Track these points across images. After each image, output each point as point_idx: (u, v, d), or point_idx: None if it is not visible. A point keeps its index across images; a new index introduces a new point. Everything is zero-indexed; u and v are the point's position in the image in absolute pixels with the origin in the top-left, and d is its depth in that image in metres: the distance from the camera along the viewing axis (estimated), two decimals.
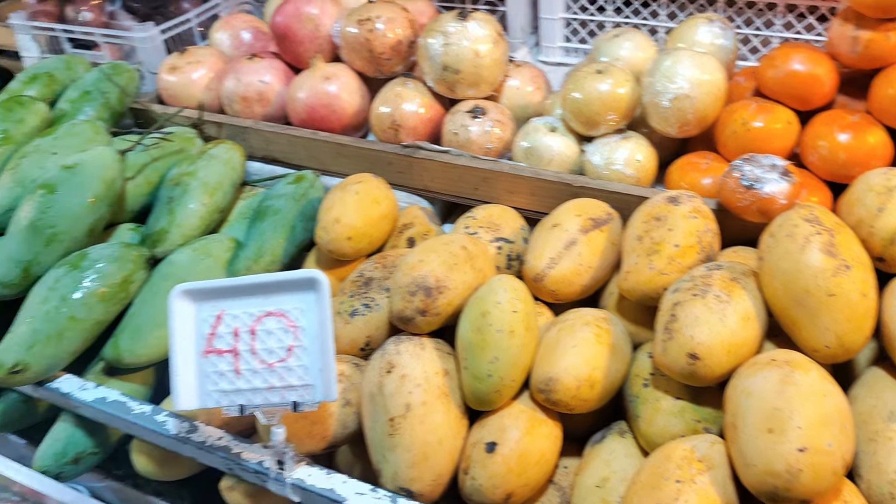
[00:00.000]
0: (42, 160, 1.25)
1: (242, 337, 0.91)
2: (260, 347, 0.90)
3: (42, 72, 1.49)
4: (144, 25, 1.54)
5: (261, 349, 0.90)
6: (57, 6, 1.65)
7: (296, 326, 0.89)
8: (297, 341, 0.89)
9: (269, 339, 0.90)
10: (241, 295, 0.91)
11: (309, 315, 0.89)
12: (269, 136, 1.37)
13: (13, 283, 1.14)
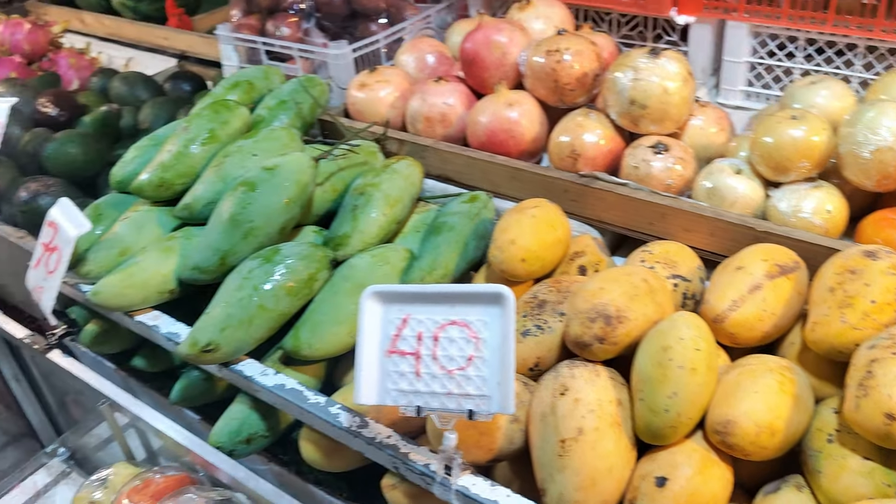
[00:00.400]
0: (243, 160, 1.36)
1: (425, 342, 0.95)
2: (441, 354, 0.93)
3: (243, 79, 1.62)
4: (339, 44, 1.64)
5: (442, 355, 0.93)
6: (259, 21, 1.79)
7: (478, 338, 0.92)
8: (478, 352, 0.92)
9: (451, 346, 0.93)
10: (427, 301, 0.95)
11: (492, 328, 0.92)
12: (447, 156, 1.43)
13: (210, 269, 1.24)
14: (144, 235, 1.35)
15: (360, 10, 1.77)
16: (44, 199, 1.66)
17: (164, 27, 2.51)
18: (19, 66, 2.23)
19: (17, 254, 1.72)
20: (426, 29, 1.81)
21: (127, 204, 1.44)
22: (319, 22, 1.81)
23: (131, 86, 2.09)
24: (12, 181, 1.79)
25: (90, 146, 1.80)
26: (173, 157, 1.38)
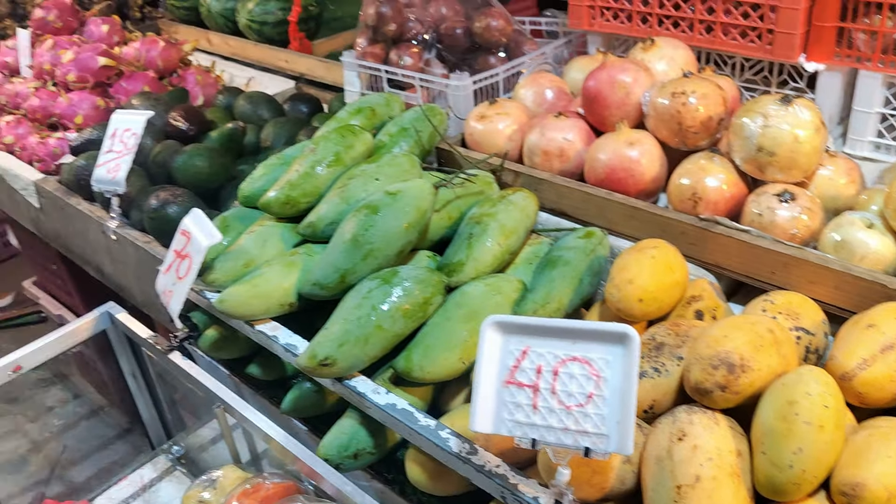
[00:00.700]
0: (366, 183, 1.41)
1: (545, 375, 0.95)
2: (560, 389, 0.94)
3: (366, 106, 1.68)
4: (460, 75, 1.68)
5: (561, 391, 0.94)
6: (383, 50, 1.85)
7: (599, 376, 0.93)
8: (599, 391, 0.92)
9: (571, 382, 0.94)
10: (549, 335, 0.96)
11: (614, 367, 0.92)
12: (563, 191, 1.44)
13: (330, 286, 1.28)
14: (268, 249, 1.42)
15: (480, 44, 1.81)
16: (171, 207, 1.76)
17: (286, 50, 2.63)
18: (152, 81, 2.38)
19: (143, 257, 1.83)
20: (544, 64, 1.84)
21: (253, 218, 1.52)
22: (440, 53, 1.86)
23: (255, 105, 2.20)
24: (142, 189, 1.91)
25: (215, 160, 1.89)
26: (300, 177, 1.44)
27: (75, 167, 2.02)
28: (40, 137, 2.25)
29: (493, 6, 1.83)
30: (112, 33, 2.50)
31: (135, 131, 1.87)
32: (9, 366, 1.51)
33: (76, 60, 2.29)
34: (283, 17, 2.68)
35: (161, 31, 3.15)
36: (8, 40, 2.61)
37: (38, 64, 2.37)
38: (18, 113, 2.38)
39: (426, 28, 1.85)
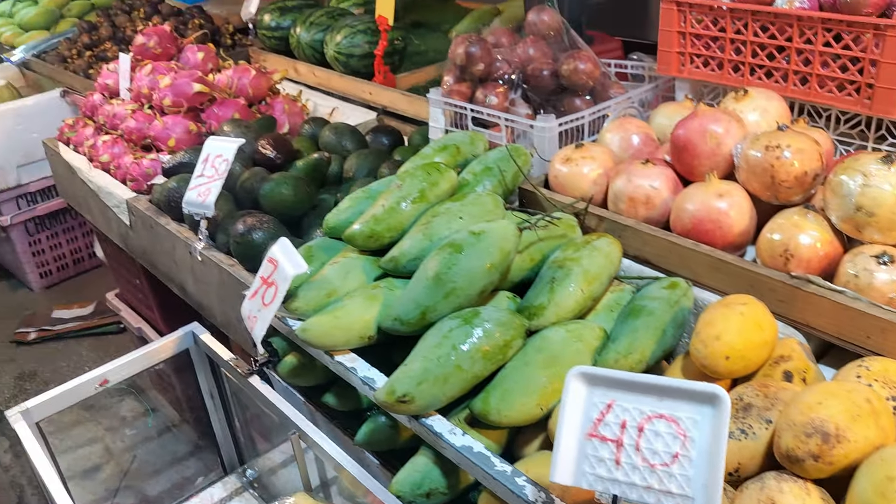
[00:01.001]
0: (450, 221, 1.42)
1: (629, 431, 0.94)
2: (645, 446, 0.93)
3: (451, 143, 1.71)
4: (546, 117, 1.69)
5: (645, 448, 0.93)
6: (470, 88, 1.88)
7: (686, 436, 0.91)
8: (685, 451, 0.90)
9: (656, 440, 0.92)
10: (635, 390, 0.95)
11: (702, 428, 0.90)
12: (648, 238, 1.43)
13: (410, 322, 1.30)
14: (350, 281, 1.44)
15: (567, 86, 1.82)
16: (257, 233, 1.81)
17: (370, 83, 2.69)
18: (242, 108, 2.46)
19: (226, 279, 1.89)
20: (630, 108, 1.83)
21: (336, 249, 1.55)
22: (525, 93, 1.87)
23: (339, 136, 2.25)
24: (229, 213, 1.97)
25: (300, 189, 1.94)
26: (385, 212, 1.47)
27: (167, 189, 2.11)
28: (135, 158, 2.35)
29: (581, 49, 1.84)
30: (207, 60, 2.61)
31: (226, 157, 1.94)
32: (96, 379, 1.57)
33: (172, 86, 2.39)
34: (370, 50, 2.75)
35: (251, 59, 3.27)
36: (109, 63, 2.74)
37: (137, 87, 2.49)
38: (115, 133, 2.49)
39: (513, 68, 1.87)
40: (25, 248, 3.76)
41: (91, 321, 3.56)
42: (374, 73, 2.71)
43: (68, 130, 2.68)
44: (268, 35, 3.13)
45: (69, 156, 2.61)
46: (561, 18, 1.91)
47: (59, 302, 3.79)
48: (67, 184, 2.71)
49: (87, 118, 2.69)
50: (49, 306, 3.74)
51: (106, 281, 3.87)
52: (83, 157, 2.56)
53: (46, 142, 2.76)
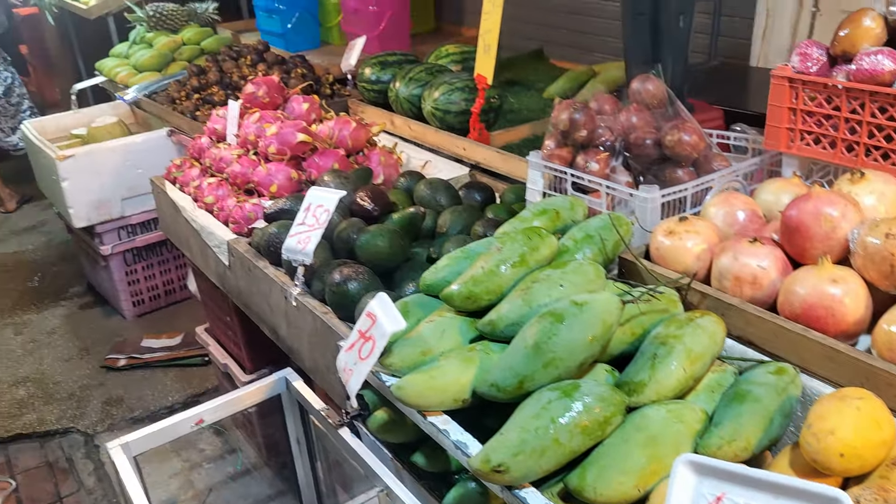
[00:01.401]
0: (550, 288, 1.42)
1: None
2: None
3: (550, 208, 1.72)
4: (650, 188, 1.68)
5: None
6: (570, 153, 1.89)
7: None
8: None
9: None
10: (748, 485, 0.92)
11: None
12: (754, 320, 1.39)
13: (507, 389, 1.29)
14: (445, 340, 1.45)
15: (670, 156, 1.81)
16: (352, 283, 1.85)
17: (465, 139, 2.74)
18: (341, 158, 2.53)
19: (319, 327, 1.92)
20: (734, 182, 1.80)
21: (432, 306, 1.56)
22: (626, 161, 1.87)
23: (434, 191, 2.29)
24: (325, 261, 2.02)
25: (395, 241, 1.98)
26: (484, 274, 1.48)
27: (268, 233, 2.18)
28: (237, 201, 2.44)
29: (686, 120, 1.83)
30: (311, 111, 2.70)
31: (327, 208, 1.99)
32: (192, 418, 1.62)
33: (278, 135, 2.48)
34: (466, 107, 2.80)
35: (349, 109, 3.37)
36: (219, 109, 2.88)
37: (244, 134, 2.60)
38: (220, 176, 2.60)
39: (615, 135, 1.87)
40: (122, 276, 3.94)
41: (178, 352, 3.67)
42: (470, 129, 2.75)
43: (175, 170, 2.81)
44: (367, 87, 3.23)
45: (175, 194, 2.73)
46: (666, 88, 1.91)
47: (149, 331, 3.93)
48: (170, 220, 2.83)
49: (194, 160, 2.82)
50: (139, 334, 3.89)
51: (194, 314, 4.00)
52: (188, 197, 2.68)
53: (154, 180, 2.89)
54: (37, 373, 3.68)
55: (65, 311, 4.19)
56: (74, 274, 4.56)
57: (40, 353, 3.84)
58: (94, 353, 3.80)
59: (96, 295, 4.31)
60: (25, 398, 3.52)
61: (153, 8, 4.55)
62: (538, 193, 1.95)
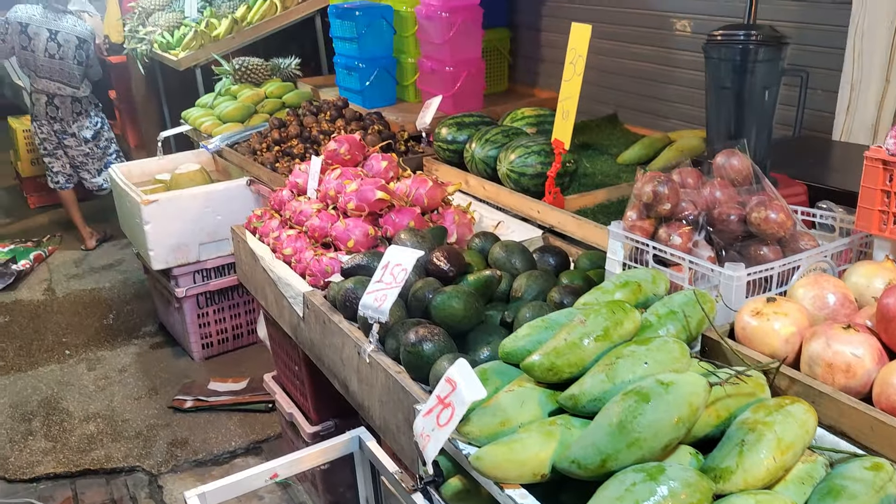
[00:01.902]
0: (633, 365, 1.40)
1: None
2: None
3: (632, 280, 1.71)
4: (736, 266, 1.66)
5: None
6: (653, 225, 1.88)
7: None
8: None
9: None
10: None
11: None
12: (847, 410, 1.34)
13: (589, 467, 1.27)
14: (525, 411, 1.44)
15: (755, 233, 1.79)
16: (427, 344, 1.86)
17: (540, 202, 2.76)
18: (417, 217, 2.58)
19: (391, 385, 1.94)
20: (822, 262, 1.77)
21: (510, 374, 1.56)
22: (710, 235, 1.85)
23: (509, 254, 2.30)
24: (399, 319, 2.04)
25: (470, 304, 1.99)
26: (566, 347, 1.47)
27: (344, 288, 2.22)
28: (315, 254, 2.50)
29: (773, 197, 1.81)
30: (389, 169, 2.77)
31: (405, 267, 2.02)
32: (267, 472, 1.64)
33: (357, 191, 2.54)
34: (542, 170, 2.82)
35: (424, 167, 3.44)
36: (302, 164, 2.97)
37: (325, 189, 2.67)
38: (299, 229, 2.67)
39: (698, 210, 1.86)
40: (194, 319, 4.04)
41: (243, 397, 3.73)
42: (545, 192, 2.77)
43: (256, 220, 2.90)
44: (443, 147, 3.29)
45: (254, 244, 2.81)
46: (751, 164, 1.90)
47: (216, 373, 4.01)
48: (248, 269, 2.91)
49: (275, 211, 2.91)
50: (206, 377, 3.97)
51: (261, 359, 4.08)
52: (267, 248, 2.75)
53: (235, 229, 2.99)
54: (107, 409, 3.77)
55: (136, 350, 4.31)
56: (147, 313, 4.70)
57: (111, 389, 3.94)
58: (163, 392, 3.88)
59: (167, 335, 4.43)
60: (95, 434, 3.61)
61: (239, 62, 4.75)
62: (618, 264, 1.94)
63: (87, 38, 5.28)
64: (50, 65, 5.22)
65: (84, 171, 5.63)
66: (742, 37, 2.16)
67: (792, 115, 2.63)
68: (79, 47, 5.23)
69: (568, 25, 2.60)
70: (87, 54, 5.30)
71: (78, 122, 5.47)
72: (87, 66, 5.38)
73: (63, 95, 5.33)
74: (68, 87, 5.29)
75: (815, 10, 2.96)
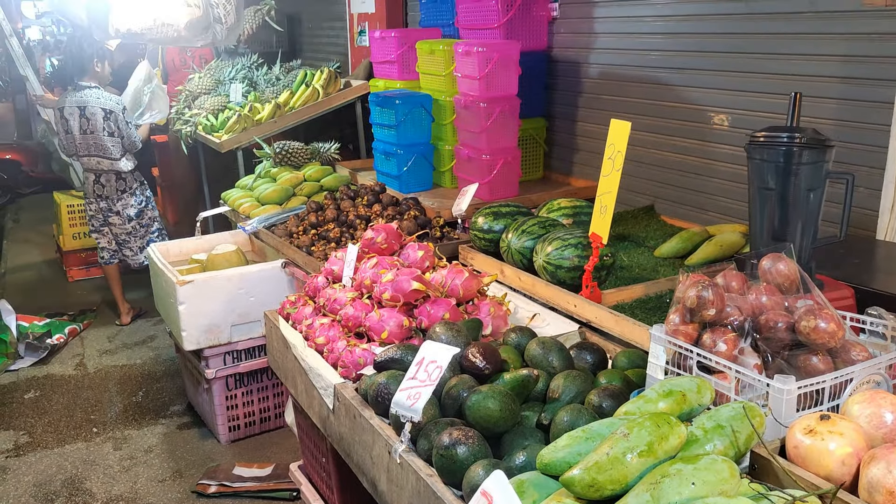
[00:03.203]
0: (680, 485, 1.33)
1: None
2: None
3: (677, 389, 1.65)
4: (786, 379, 1.60)
5: None
6: (696, 330, 1.83)
7: None
8: None
9: None
10: None
11: None
12: None
13: None
14: None
15: (804, 342, 1.72)
16: (461, 448, 1.80)
17: (576, 295, 2.72)
18: (452, 308, 2.55)
19: (421, 488, 1.87)
20: (875, 374, 1.69)
21: (548, 487, 1.50)
22: (756, 342, 1.79)
23: (546, 351, 2.25)
24: (433, 418, 1.98)
25: (507, 405, 1.93)
26: (608, 461, 1.41)
27: (377, 383, 2.17)
28: (348, 344, 2.47)
29: (822, 305, 1.76)
30: (425, 259, 2.76)
31: (440, 364, 1.98)
32: None
33: (393, 281, 2.53)
34: (578, 263, 2.79)
35: (459, 255, 3.43)
36: (338, 251, 2.98)
37: (360, 278, 2.66)
38: (333, 317, 2.65)
39: (744, 315, 1.80)
40: (222, 401, 4.00)
41: (268, 483, 3.65)
42: (582, 286, 2.73)
43: (290, 307, 2.89)
44: (479, 236, 3.29)
45: (287, 331, 2.79)
46: (798, 269, 1.85)
47: (242, 456, 3.94)
48: (279, 355, 2.88)
49: (309, 298, 2.90)
50: (231, 460, 3.90)
51: (286, 444, 4.01)
52: (299, 335, 2.73)
53: (268, 314, 2.98)
54: (130, 492, 3.71)
55: (163, 430, 4.27)
56: (177, 392, 4.68)
57: (136, 470, 3.89)
58: (188, 475, 3.82)
59: (195, 415, 4.39)
60: None
61: (280, 145, 4.86)
62: (661, 369, 1.88)
63: (113, 108, 5.34)
64: (85, 141, 5.38)
65: (126, 249, 5.72)
66: (785, 139, 2.14)
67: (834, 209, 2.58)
68: (106, 118, 5.30)
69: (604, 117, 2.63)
70: (116, 125, 5.35)
71: (122, 200, 5.57)
72: (120, 136, 5.40)
73: (107, 172, 5.45)
74: (106, 159, 5.39)
75: (856, 110, 2.95)
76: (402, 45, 4.85)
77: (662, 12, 3.74)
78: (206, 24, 4.53)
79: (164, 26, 4.43)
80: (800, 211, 2.17)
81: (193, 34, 4.55)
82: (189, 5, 4.43)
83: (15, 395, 4.73)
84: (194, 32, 4.54)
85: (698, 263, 3.04)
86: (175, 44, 4.83)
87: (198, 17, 4.49)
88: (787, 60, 3.17)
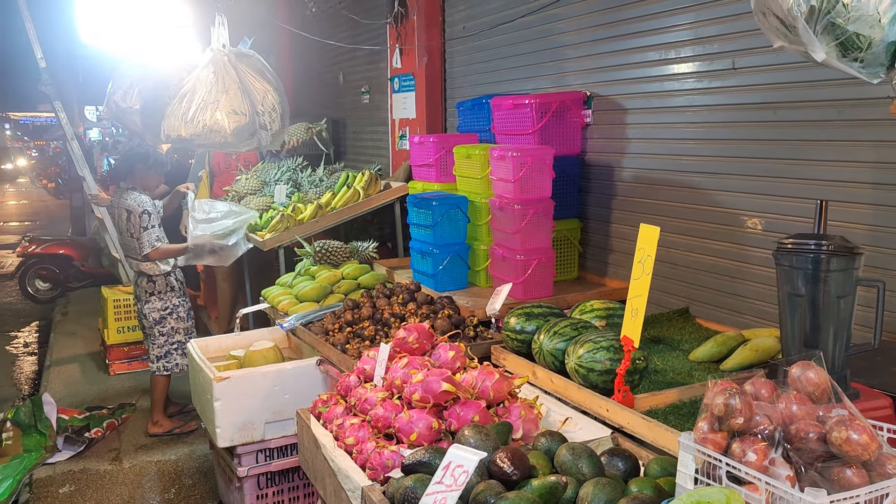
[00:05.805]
0: None
1: None
2: None
3: (704, 500, 1.61)
4: (817, 493, 1.56)
5: None
6: (725, 439, 1.80)
7: None
8: None
9: None
10: None
11: None
12: None
13: None
14: None
15: (837, 454, 1.68)
16: None
17: (609, 399, 2.69)
18: (482, 411, 2.54)
19: None
20: None
21: None
22: (787, 452, 1.76)
23: (576, 457, 2.22)
24: None
25: None
26: None
27: (404, 487, 2.16)
28: (377, 445, 2.47)
29: (854, 416, 1.72)
30: (456, 359, 2.78)
31: (466, 469, 1.98)
32: None
33: (423, 382, 2.55)
34: (611, 367, 2.78)
35: (491, 355, 3.44)
36: (370, 350, 3.02)
37: (391, 378, 2.69)
38: (363, 417, 2.66)
39: (774, 424, 1.78)
40: (253, 500, 3.97)
41: None
42: (614, 390, 2.71)
43: (321, 405, 2.91)
44: (511, 336, 3.30)
45: (318, 430, 2.81)
46: (829, 379, 1.83)
47: None
48: (310, 455, 2.89)
49: (341, 397, 2.92)
50: None
51: None
52: (330, 435, 2.74)
53: (300, 413, 3.01)
54: None
55: None
56: (209, 490, 4.66)
57: None
58: None
59: None
60: None
61: (320, 244, 5.00)
62: (690, 478, 1.84)
63: (133, 209, 5.34)
64: (122, 240, 5.58)
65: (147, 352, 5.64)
66: (812, 246, 2.15)
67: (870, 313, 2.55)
68: (128, 220, 5.38)
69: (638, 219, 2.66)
70: (134, 226, 5.34)
71: (150, 303, 5.48)
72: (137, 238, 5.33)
73: (137, 272, 5.50)
74: (133, 259, 5.49)
75: (886, 214, 2.95)
76: (441, 149, 5.02)
77: (693, 119, 3.84)
78: (252, 131, 4.76)
79: (212, 132, 4.67)
80: (830, 317, 2.16)
81: (239, 140, 4.79)
82: (236, 113, 4.68)
83: (50, 490, 4.75)
84: (240, 138, 4.78)
85: (734, 368, 3.00)
86: (222, 148, 5.06)
87: (244, 124, 4.73)
88: (819, 166, 3.21)
